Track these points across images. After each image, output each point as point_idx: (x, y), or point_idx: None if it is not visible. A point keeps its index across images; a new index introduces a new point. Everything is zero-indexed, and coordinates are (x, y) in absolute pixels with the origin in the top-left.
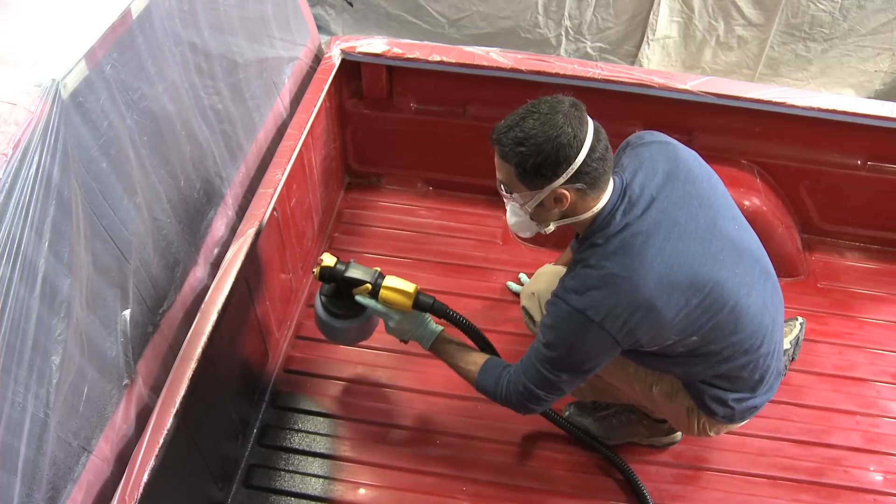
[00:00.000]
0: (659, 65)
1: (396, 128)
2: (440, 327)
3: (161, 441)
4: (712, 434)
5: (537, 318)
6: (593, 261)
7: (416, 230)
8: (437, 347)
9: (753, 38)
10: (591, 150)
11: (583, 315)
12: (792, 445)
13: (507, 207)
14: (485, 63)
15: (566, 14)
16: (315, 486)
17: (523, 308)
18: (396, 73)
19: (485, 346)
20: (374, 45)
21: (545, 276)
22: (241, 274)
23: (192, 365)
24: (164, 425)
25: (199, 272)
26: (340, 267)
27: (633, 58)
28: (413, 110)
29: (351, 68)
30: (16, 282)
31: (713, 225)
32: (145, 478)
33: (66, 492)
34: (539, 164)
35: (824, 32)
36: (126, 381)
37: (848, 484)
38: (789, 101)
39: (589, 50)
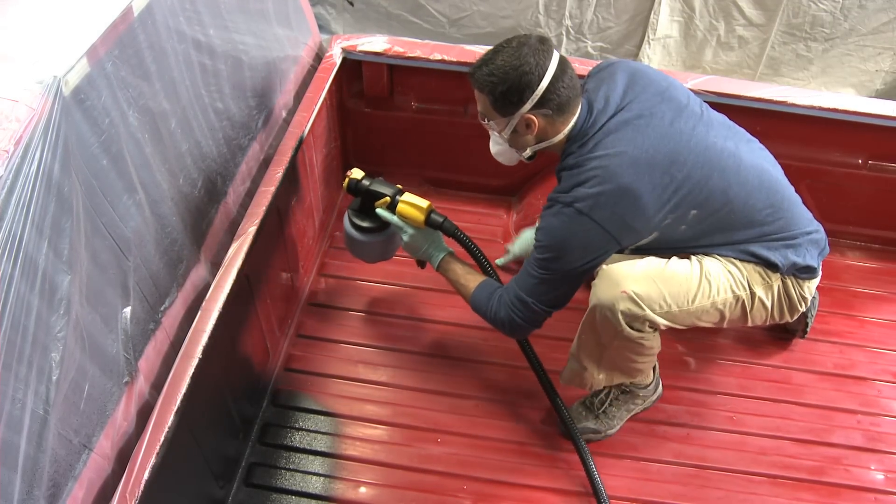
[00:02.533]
0: (660, 64)
1: (397, 126)
2: (451, 249)
3: (162, 439)
4: (806, 294)
5: None
6: (572, 163)
7: None
8: (445, 266)
9: (754, 37)
10: (555, 78)
11: (571, 208)
12: (793, 444)
13: (491, 138)
14: None
15: (567, 13)
16: (316, 485)
17: None
18: (397, 72)
19: (488, 272)
20: (375, 43)
21: None
22: (243, 272)
23: (194, 362)
24: (165, 423)
25: (200, 270)
26: (366, 182)
27: (633, 57)
28: (414, 109)
29: (352, 67)
30: (17, 278)
31: (679, 111)
32: (146, 475)
33: (66, 489)
34: (506, 91)
35: (825, 32)
36: (127, 379)
37: (849, 483)
38: (790, 101)
39: (590, 49)
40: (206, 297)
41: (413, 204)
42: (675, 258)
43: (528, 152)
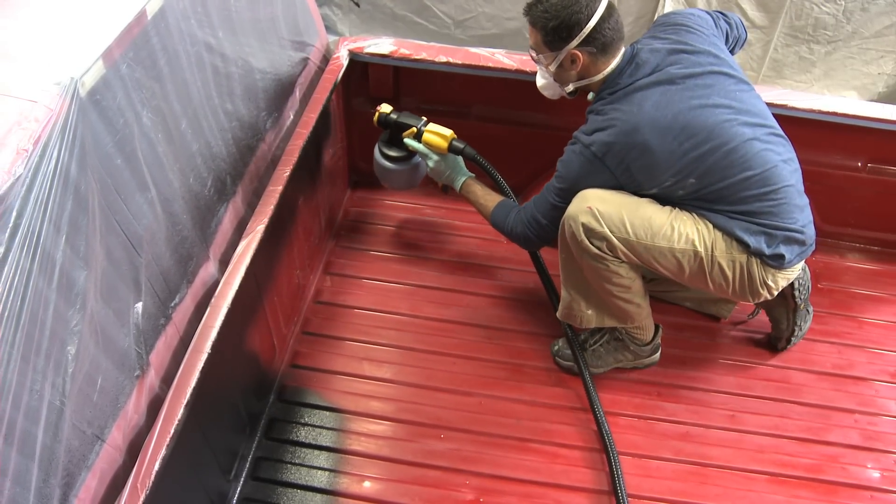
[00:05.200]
0: None
1: None
2: (472, 174)
3: (172, 431)
4: (770, 283)
5: None
6: (600, 108)
7: (422, 229)
8: (466, 188)
9: (757, 40)
10: (602, 19)
11: (588, 150)
12: (791, 443)
13: (538, 73)
14: (490, 64)
15: None
16: (321, 479)
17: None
18: (403, 74)
19: (506, 193)
20: (381, 45)
21: None
22: (250, 270)
23: (203, 357)
24: (175, 416)
25: (209, 267)
26: (394, 115)
27: None
28: (419, 110)
29: (358, 68)
30: (35, 273)
31: (711, 87)
32: (156, 467)
33: (80, 479)
34: (557, 27)
35: (828, 35)
36: (138, 372)
37: (846, 481)
38: (790, 104)
39: None
40: (215, 294)
41: (437, 133)
42: (654, 200)
43: (570, 87)
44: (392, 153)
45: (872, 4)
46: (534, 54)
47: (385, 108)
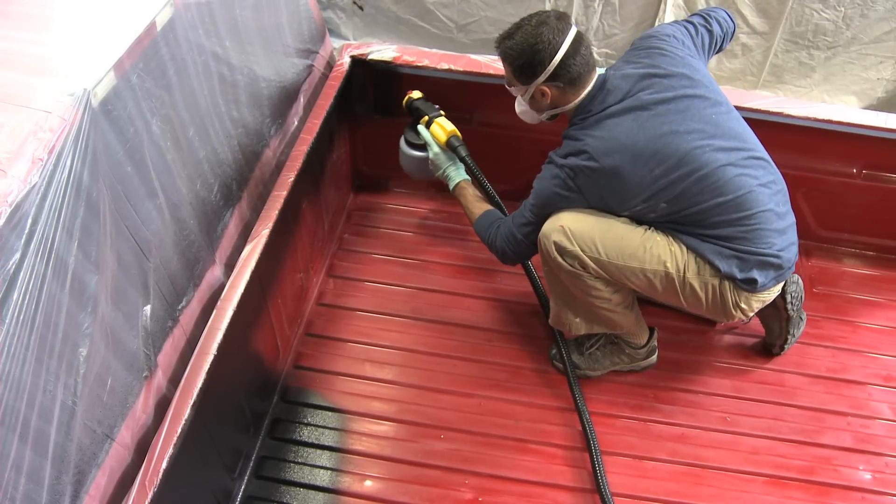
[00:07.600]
0: None
1: None
2: (469, 178)
3: (179, 431)
4: (744, 305)
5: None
6: (573, 134)
7: (423, 232)
8: (458, 190)
9: (757, 45)
10: (567, 56)
11: (562, 172)
12: (784, 444)
13: (516, 100)
14: (491, 71)
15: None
16: (323, 478)
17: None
18: (406, 80)
19: (494, 202)
20: (384, 52)
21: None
22: (255, 273)
23: (209, 359)
24: (181, 416)
25: (215, 270)
26: (418, 102)
27: None
28: None
29: (362, 75)
30: (49, 278)
31: (685, 110)
32: (164, 465)
33: (90, 476)
34: (522, 65)
35: (827, 41)
36: (146, 373)
37: (838, 482)
38: (787, 111)
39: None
40: (221, 297)
41: (442, 126)
42: (629, 220)
43: (545, 115)
44: (410, 137)
45: (872, 10)
46: (508, 86)
47: (415, 94)
